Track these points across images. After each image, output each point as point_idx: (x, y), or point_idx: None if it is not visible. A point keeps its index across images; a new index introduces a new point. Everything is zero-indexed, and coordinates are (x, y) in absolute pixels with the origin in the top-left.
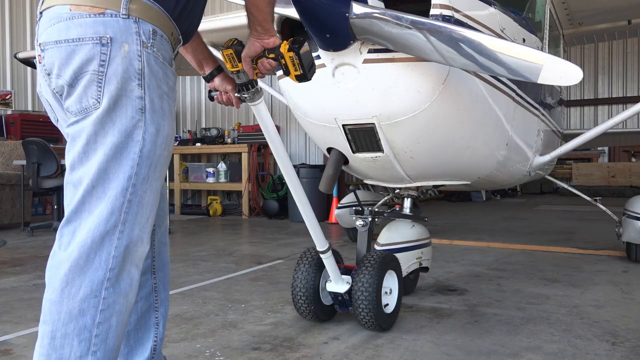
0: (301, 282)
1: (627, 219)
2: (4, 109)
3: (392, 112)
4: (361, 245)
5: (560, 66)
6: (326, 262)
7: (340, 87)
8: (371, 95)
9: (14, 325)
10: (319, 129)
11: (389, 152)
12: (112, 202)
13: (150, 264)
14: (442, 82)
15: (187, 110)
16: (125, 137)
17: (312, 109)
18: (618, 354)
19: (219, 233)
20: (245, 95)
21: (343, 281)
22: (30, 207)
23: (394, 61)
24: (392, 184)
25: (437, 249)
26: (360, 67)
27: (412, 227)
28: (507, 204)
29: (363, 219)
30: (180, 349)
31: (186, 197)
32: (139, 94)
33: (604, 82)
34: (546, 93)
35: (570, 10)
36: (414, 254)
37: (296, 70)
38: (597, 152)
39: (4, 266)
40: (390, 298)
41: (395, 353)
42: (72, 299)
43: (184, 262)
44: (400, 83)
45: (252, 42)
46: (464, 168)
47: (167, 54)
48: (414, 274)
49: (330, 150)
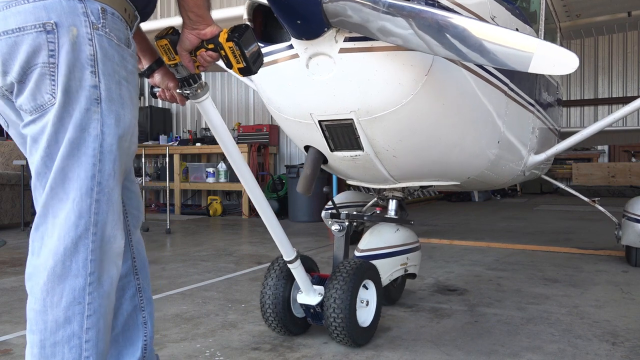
0: (270, 293)
1: (627, 221)
2: None
3: (371, 106)
4: (338, 252)
5: (553, 53)
6: (295, 272)
7: (315, 80)
8: (348, 88)
9: (14, 325)
10: (295, 125)
11: (369, 151)
12: (78, 205)
13: (131, 265)
14: (425, 74)
15: (187, 110)
16: (80, 131)
17: (285, 104)
18: (618, 354)
19: (219, 233)
20: (187, 92)
21: (315, 292)
22: (30, 207)
23: (372, 50)
24: (375, 185)
25: (437, 249)
26: (336, 57)
27: (396, 230)
28: (507, 204)
29: (339, 223)
30: (180, 349)
31: (186, 197)
32: (93, 83)
33: (604, 82)
34: (542, 88)
35: (567, 1)
36: (398, 259)
37: (238, 62)
38: (597, 152)
39: (4, 266)
40: (367, 311)
41: (395, 353)
42: (55, 308)
43: (184, 262)
44: (380, 74)
45: (186, 33)
46: (452, 168)
47: (122, 34)
48: (399, 281)
49: (308, 148)
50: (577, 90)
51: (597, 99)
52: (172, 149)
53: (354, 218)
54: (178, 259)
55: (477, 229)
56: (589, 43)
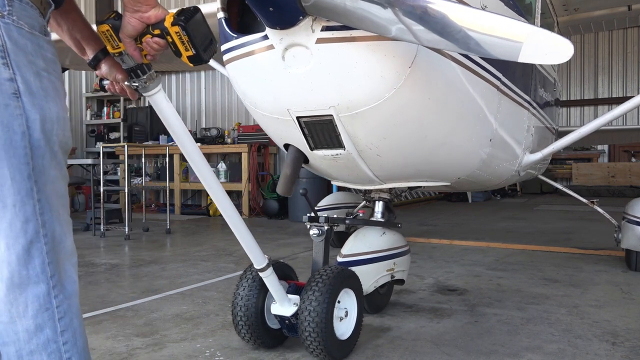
0: (242, 304)
1: (627, 224)
2: None
3: (351, 101)
4: (317, 259)
5: (546, 40)
6: (267, 281)
7: (291, 73)
8: (327, 81)
9: None
10: (272, 122)
11: (351, 149)
12: (21, 210)
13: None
14: (409, 66)
15: (187, 110)
16: (4, 131)
17: (261, 98)
18: (618, 354)
19: (219, 233)
20: (135, 84)
21: (290, 302)
22: None
23: (351, 40)
24: (360, 186)
25: (437, 249)
26: (313, 48)
27: (382, 234)
28: (507, 204)
29: (318, 227)
30: (180, 349)
31: (186, 197)
32: (8, 76)
33: (604, 82)
34: (538, 84)
35: None
36: (384, 265)
37: (187, 50)
38: (597, 152)
39: None
40: (346, 322)
41: (395, 353)
42: (23, 318)
43: (184, 262)
44: (360, 67)
45: (127, 17)
46: (441, 167)
47: (34, 22)
48: (385, 288)
49: (288, 147)
50: (577, 90)
51: (597, 99)
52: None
53: (334, 222)
54: (178, 259)
55: (477, 229)
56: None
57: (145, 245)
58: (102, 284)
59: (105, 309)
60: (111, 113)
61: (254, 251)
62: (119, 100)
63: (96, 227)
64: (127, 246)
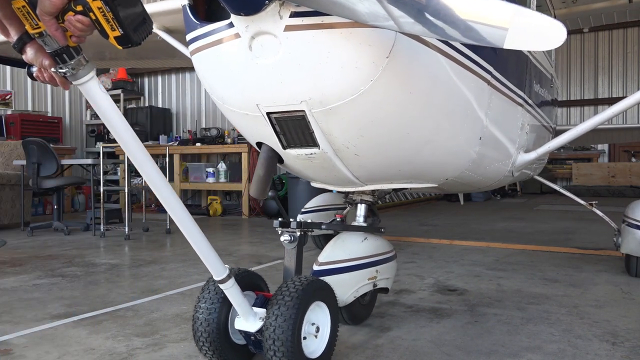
0: (202, 318)
1: (627, 228)
2: (4, 109)
3: (324, 95)
4: (288, 268)
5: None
6: (228, 294)
7: (259, 64)
8: (297, 73)
9: (14, 325)
10: (242, 119)
11: (326, 148)
12: None
13: None
14: (387, 55)
15: (187, 110)
16: None
17: (229, 93)
18: (618, 354)
19: (219, 233)
20: (62, 71)
21: (255, 316)
22: (30, 207)
23: (323, 27)
24: (340, 188)
25: (437, 249)
26: (282, 36)
27: (363, 240)
28: (507, 204)
29: (290, 233)
30: (180, 349)
31: (186, 197)
32: None
33: (604, 82)
34: (533, 79)
35: None
36: (366, 273)
37: (113, 29)
38: (597, 152)
39: (4, 266)
40: (317, 339)
41: (395, 353)
42: None
43: (184, 262)
44: (333, 57)
45: None
46: (426, 167)
47: None
48: (368, 297)
49: (261, 145)
50: (577, 90)
51: (597, 98)
52: (172, 149)
53: (307, 227)
54: (178, 259)
55: (477, 229)
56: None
57: (145, 245)
58: (102, 284)
59: (105, 309)
60: None
61: (212, 260)
62: (119, 101)
63: (96, 227)
64: (127, 246)
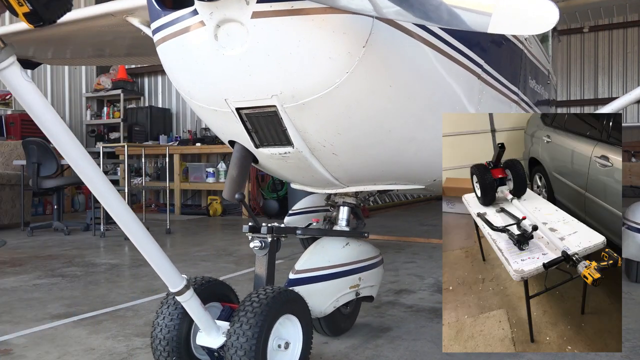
0: (161, 336)
1: (627, 231)
2: (4, 109)
3: (296, 89)
4: (260, 277)
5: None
6: (187, 307)
7: (225, 55)
8: (266, 65)
9: (14, 325)
10: (211, 115)
11: (301, 147)
12: None
13: None
14: (363, 45)
15: (187, 110)
16: None
17: (196, 87)
18: (618, 353)
19: (219, 233)
20: None
21: (218, 331)
22: (30, 207)
23: (293, 14)
24: (319, 189)
25: (437, 249)
26: (249, 24)
27: (345, 245)
28: None
29: (260, 239)
30: None
31: (186, 197)
32: None
33: (604, 82)
34: (528, 74)
35: None
36: (347, 281)
37: (21, 4)
38: None
39: (4, 266)
40: (286, 356)
41: (395, 353)
42: None
43: (184, 262)
44: (304, 46)
45: None
46: (411, 167)
47: None
48: (350, 307)
49: (234, 144)
50: (577, 90)
51: (597, 98)
52: (172, 149)
53: (279, 232)
54: (178, 259)
55: None
56: (589, 42)
57: None
58: (102, 284)
59: (105, 309)
60: (111, 113)
61: (166, 269)
62: (119, 101)
63: (96, 227)
64: (127, 246)
